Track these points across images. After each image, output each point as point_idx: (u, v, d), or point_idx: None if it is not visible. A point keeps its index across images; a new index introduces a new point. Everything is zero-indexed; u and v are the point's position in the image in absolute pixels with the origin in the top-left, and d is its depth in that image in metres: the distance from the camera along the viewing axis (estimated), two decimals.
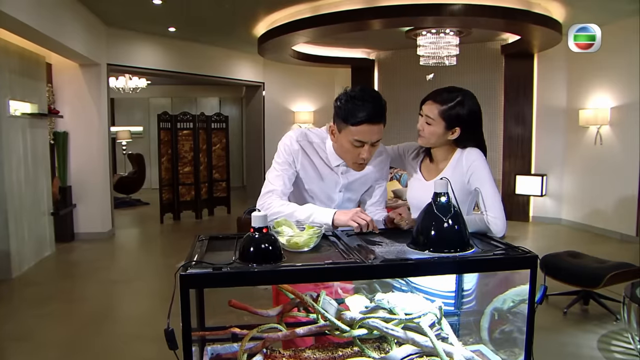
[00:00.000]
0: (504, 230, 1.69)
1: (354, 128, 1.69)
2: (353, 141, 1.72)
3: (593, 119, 6.48)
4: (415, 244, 1.43)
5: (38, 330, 3.57)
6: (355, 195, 1.98)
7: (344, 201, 1.94)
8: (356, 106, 1.68)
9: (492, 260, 1.32)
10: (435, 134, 1.81)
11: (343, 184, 1.90)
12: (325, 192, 1.90)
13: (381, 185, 2.02)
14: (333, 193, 1.91)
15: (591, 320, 3.66)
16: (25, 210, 5.06)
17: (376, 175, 1.97)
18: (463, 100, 1.77)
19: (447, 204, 1.42)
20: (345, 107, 1.70)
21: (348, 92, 1.73)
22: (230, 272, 1.18)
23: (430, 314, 1.58)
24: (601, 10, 5.58)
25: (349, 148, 1.75)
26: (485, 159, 1.83)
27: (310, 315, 1.56)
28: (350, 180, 1.90)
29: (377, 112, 1.69)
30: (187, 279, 1.17)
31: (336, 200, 1.92)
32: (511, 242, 5.50)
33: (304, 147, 1.87)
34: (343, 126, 1.72)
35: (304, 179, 1.89)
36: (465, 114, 1.77)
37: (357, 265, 1.21)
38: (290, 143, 1.87)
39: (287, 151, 1.86)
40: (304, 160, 1.87)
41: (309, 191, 1.91)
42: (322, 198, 1.91)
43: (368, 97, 1.69)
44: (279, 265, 1.23)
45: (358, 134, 1.70)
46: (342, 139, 1.75)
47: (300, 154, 1.86)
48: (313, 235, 1.43)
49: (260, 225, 1.30)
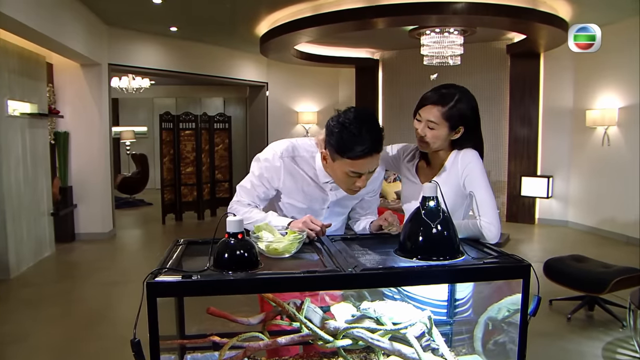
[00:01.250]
0: (498, 236, 1.60)
1: (351, 161, 1.53)
2: (349, 172, 1.57)
3: (600, 119, 6.36)
4: (403, 251, 1.36)
5: (34, 332, 3.53)
6: (344, 209, 1.88)
7: (331, 215, 1.84)
8: (353, 138, 1.49)
9: (481, 269, 1.24)
10: (439, 137, 1.71)
11: (332, 201, 1.79)
12: (310, 207, 1.79)
13: (373, 197, 1.92)
14: (319, 209, 1.80)
15: (596, 326, 3.56)
16: (24, 211, 5.04)
17: (369, 189, 1.85)
18: (462, 97, 1.70)
19: (436, 208, 1.34)
20: (340, 138, 1.51)
21: (342, 120, 1.53)
22: (200, 280, 1.12)
23: (420, 323, 1.51)
24: (608, 8, 5.47)
25: (344, 178, 1.60)
26: (481, 160, 1.74)
27: (294, 324, 1.49)
28: (339, 198, 1.79)
29: (376, 144, 1.53)
30: (154, 287, 1.10)
31: (322, 215, 1.81)
32: (516, 244, 5.39)
33: (288, 163, 1.72)
34: (337, 157, 1.55)
35: (287, 194, 1.78)
36: (467, 110, 1.69)
37: (336, 275, 1.14)
38: (272, 158, 1.72)
39: (266, 168, 1.72)
40: (287, 177, 1.73)
41: (292, 205, 1.80)
42: (305, 213, 1.77)
43: (366, 128, 1.50)
44: (252, 274, 1.17)
45: (355, 167, 1.54)
46: (336, 168, 1.60)
47: (283, 171, 1.71)
48: (294, 241, 1.36)
49: (236, 231, 1.24)
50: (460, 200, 1.73)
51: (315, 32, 6.23)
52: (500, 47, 7.31)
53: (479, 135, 1.78)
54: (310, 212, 1.81)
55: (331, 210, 1.83)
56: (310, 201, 1.78)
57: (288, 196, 1.78)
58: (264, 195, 1.76)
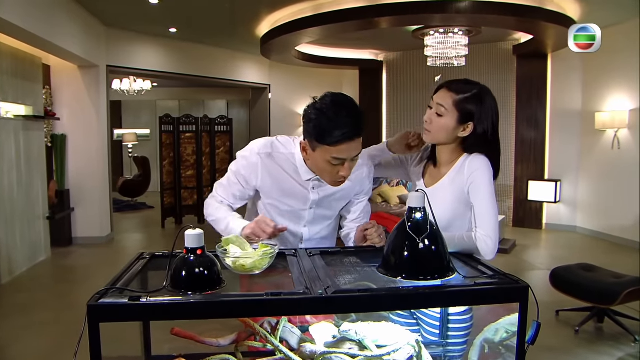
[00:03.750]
0: (494, 252, 1.44)
1: (331, 147, 1.45)
2: (331, 159, 1.48)
3: (610, 122, 6.17)
4: (386, 268, 1.21)
5: (20, 339, 3.42)
6: (331, 212, 1.75)
7: (316, 218, 1.72)
8: (330, 122, 1.42)
9: (472, 292, 1.09)
10: (445, 128, 1.55)
11: (313, 200, 1.67)
12: (292, 208, 1.68)
13: (362, 201, 1.79)
14: (302, 210, 1.69)
15: (606, 340, 3.37)
16: (18, 215, 4.95)
17: (356, 190, 1.73)
18: (481, 93, 1.55)
19: (423, 220, 1.19)
20: (318, 124, 1.44)
21: (319, 106, 1.46)
22: (149, 304, 0.98)
23: (408, 346, 1.37)
24: (617, 7, 5.29)
25: (326, 167, 1.51)
26: (491, 169, 1.56)
27: (269, 345, 1.35)
28: (322, 196, 1.67)
29: (356, 127, 1.44)
30: (96, 310, 0.97)
31: (305, 217, 1.70)
32: (523, 250, 5.17)
33: (265, 160, 1.62)
34: (317, 145, 1.48)
35: (267, 194, 1.68)
36: (482, 107, 1.55)
37: (303, 298, 0.99)
38: (249, 155, 1.64)
39: (243, 165, 1.65)
40: (265, 174, 1.63)
41: (273, 206, 1.69)
42: (288, 215, 1.69)
43: (344, 112, 1.44)
44: (208, 297, 1.02)
45: (336, 153, 1.46)
46: (316, 158, 1.51)
47: (261, 168, 1.62)
48: (264, 256, 1.22)
49: (195, 246, 1.10)
50: (464, 208, 1.56)
51: (317, 32, 6.11)
52: (507, 48, 7.14)
53: (495, 143, 1.60)
54: (293, 215, 1.69)
55: (315, 213, 1.71)
56: (291, 200, 1.66)
57: (267, 196, 1.68)
58: (240, 194, 1.69)
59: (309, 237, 1.75)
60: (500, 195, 7.33)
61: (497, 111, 1.59)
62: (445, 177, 1.59)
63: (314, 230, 1.75)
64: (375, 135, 8.58)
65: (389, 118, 8.36)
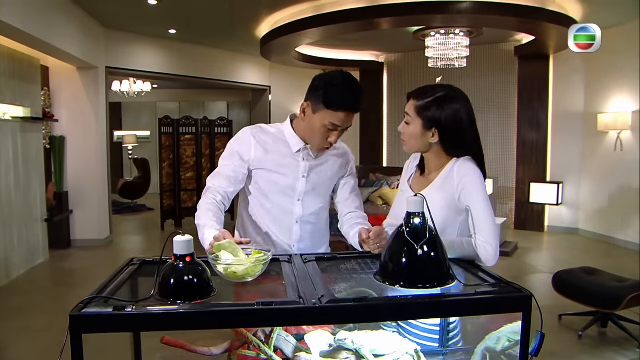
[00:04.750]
0: (495, 258, 1.39)
1: (333, 113, 1.63)
2: (328, 124, 1.65)
3: (613, 123, 6.11)
4: (384, 276, 1.16)
5: (13, 343, 3.38)
6: (323, 189, 1.80)
7: (309, 192, 1.76)
8: (341, 93, 1.63)
9: (473, 301, 1.04)
10: (413, 135, 1.55)
11: (304, 167, 1.75)
12: (286, 181, 1.74)
13: (348, 182, 1.86)
14: (296, 181, 1.75)
15: (610, 345, 3.32)
16: (15, 217, 4.91)
17: (340, 162, 1.84)
18: (444, 96, 1.51)
19: (422, 226, 1.15)
20: (328, 92, 1.63)
21: (329, 78, 1.66)
22: (134, 314, 0.93)
23: (407, 356, 1.33)
24: (620, 7, 5.25)
25: (320, 129, 1.67)
26: (480, 173, 1.52)
27: (261, 355, 1.31)
28: (312, 165, 1.76)
29: (359, 102, 1.65)
30: (79, 321, 0.92)
31: (298, 189, 1.75)
32: (525, 253, 5.08)
33: (257, 136, 1.76)
34: (321, 108, 1.64)
35: (260, 166, 1.75)
36: (444, 110, 1.50)
37: (295, 308, 0.94)
38: (241, 135, 1.78)
39: (237, 142, 1.77)
40: (258, 149, 1.74)
41: (266, 181, 1.75)
42: (283, 189, 1.75)
43: (352, 87, 1.65)
44: (195, 307, 0.98)
45: (336, 119, 1.64)
46: (315, 120, 1.67)
47: (254, 143, 1.74)
48: (257, 263, 1.17)
49: (183, 253, 1.06)
50: (453, 215, 1.51)
51: (317, 33, 6.07)
52: (508, 49, 7.09)
53: (472, 143, 1.55)
54: (287, 188, 1.74)
55: (308, 184, 1.76)
56: (284, 169, 1.74)
57: (261, 168, 1.75)
58: (234, 173, 1.74)
59: (302, 215, 1.77)
60: (501, 197, 7.28)
61: (470, 111, 1.54)
62: (433, 184, 1.55)
63: (307, 207, 1.77)
64: (376, 137, 8.54)
65: (390, 120, 8.31)
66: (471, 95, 1.62)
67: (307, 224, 1.78)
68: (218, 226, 1.58)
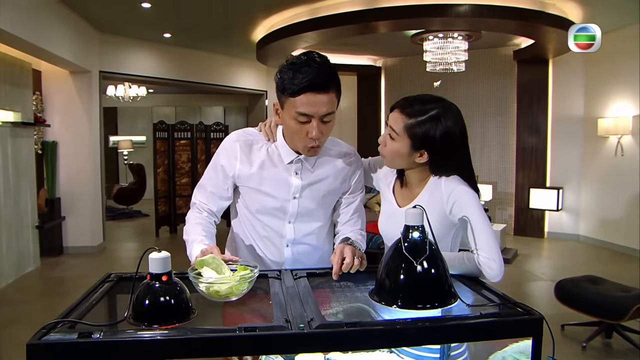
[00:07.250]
0: (500, 274, 1.29)
1: (294, 99, 1.36)
2: (297, 116, 1.37)
3: (613, 128, 6.03)
4: (380, 295, 1.07)
5: (0, 357, 3.26)
6: (319, 209, 1.57)
7: (302, 213, 1.54)
8: (294, 72, 1.36)
9: (478, 325, 0.94)
10: (397, 153, 1.40)
11: (296, 186, 1.51)
12: (274, 199, 1.52)
13: (353, 202, 1.61)
14: (285, 202, 1.52)
15: (615, 356, 3.22)
16: (4, 224, 4.79)
17: (342, 177, 1.57)
18: (439, 115, 1.34)
19: (422, 241, 1.05)
20: (284, 76, 1.38)
21: (289, 60, 1.41)
22: (101, 342, 0.83)
23: None
24: (620, 11, 5.19)
25: (295, 127, 1.40)
26: (468, 185, 1.40)
27: None
28: (305, 183, 1.52)
29: (321, 76, 1.36)
30: (37, 350, 0.82)
31: (289, 210, 1.53)
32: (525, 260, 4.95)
33: (243, 144, 1.54)
34: (284, 99, 1.39)
35: (247, 181, 1.53)
36: (436, 134, 1.34)
37: (281, 335, 0.84)
38: (228, 145, 1.56)
39: (223, 153, 1.55)
40: (245, 163, 1.52)
41: (253, 201, 1.55)
42: (271, 210, 1.54)
43: (310, 61, 1.37)
44: (170, 334, 0.88)
45: (301, 106, 1.36)
46: (286, 117, 1.42)
47: (239, 155, 1.52)
48: (241, 281, 1.07)
49: (159, 271, 0.96)
50: (445, 230, 1.39)
51: (314, 37, 5.99)
52: (507, 53, 7.02)
53: (461, 163, 1.41)
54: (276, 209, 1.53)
55: (300, 205, 1.53)
56: (272, 187, 1.52)
57: (248, 183, 1.54)
58: (216, 189, 1.57)
59: (294, 237, 1.57)
60: (501, 203, 7.19)
61: (463, 128, 1.38)
62: (420, 198, 1.43)
63: (300, 230, 1.57)
64: (374, 142, 8.43)
65: None
66: (470, 99, 1.52)
67: (300, 245, 1.58)
68: (207, 241, 1.45)
